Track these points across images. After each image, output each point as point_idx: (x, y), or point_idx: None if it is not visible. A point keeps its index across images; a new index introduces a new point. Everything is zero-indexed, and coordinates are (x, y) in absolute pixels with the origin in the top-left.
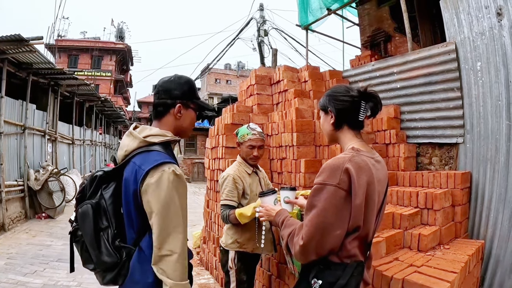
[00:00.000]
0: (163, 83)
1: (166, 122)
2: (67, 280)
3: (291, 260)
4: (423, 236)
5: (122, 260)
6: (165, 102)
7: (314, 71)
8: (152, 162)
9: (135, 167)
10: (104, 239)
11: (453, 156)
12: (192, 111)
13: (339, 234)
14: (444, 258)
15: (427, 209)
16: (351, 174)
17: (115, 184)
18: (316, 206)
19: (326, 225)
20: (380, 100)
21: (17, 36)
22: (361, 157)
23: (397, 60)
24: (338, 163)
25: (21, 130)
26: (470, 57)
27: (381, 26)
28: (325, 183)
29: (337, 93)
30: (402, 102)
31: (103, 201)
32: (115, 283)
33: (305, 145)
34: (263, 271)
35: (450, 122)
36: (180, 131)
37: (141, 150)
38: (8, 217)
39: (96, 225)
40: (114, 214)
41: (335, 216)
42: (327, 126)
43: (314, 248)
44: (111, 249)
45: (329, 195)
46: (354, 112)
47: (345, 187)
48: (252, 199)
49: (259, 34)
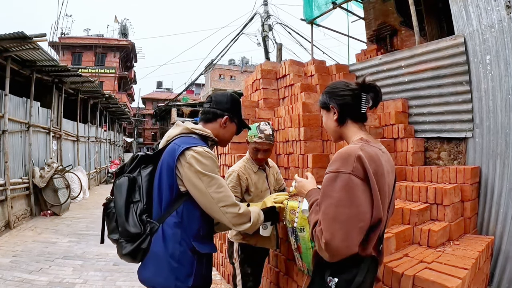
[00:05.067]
0: (218, 96)
1: (211, 127)
2: (73, 277)
3: (300, 257)
4: (433, 232)
5: (145, 232)
6: (215, 111)
7: (320, 65)
8: (190, 144)
9: (174, 146)
10: (133, 210)
11: (462, 151)
12: (234, 125)
13: (363, 227)
14: (454, 254)
15: (437, 204)
16: (363, 162)
17: (152, 167)
18: (331, 196)
19: (347, 217)
20: (380, 90)
21: (20, 34)
22: (371, 147)
23: (404, 54)
24: (350, 151)
25: (26, 127)
26: (479, 50)
27: (386, 20)
28: (338, 171)
29: (336, 89)
30: (410, 96)
31: (140, 177)
32: (133, 258)
33: (312, 139)
34: (270, 267)
35: (459, 116)
36: (221, 139)
37: (182, 135)
38: (14, 214)
39: (128, 197)
40: (147, 192)
41: (354, 207)
42: (331, 124)
43: (341, 244)
44: (138, 220)
45: (344, 183)
46: (356, 105)
47: (360, 175)
48: (255, 196)
49: (264, 29)
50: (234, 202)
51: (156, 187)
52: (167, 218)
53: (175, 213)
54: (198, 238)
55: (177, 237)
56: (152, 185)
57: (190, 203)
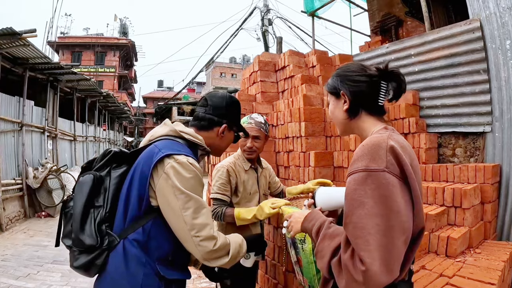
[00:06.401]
0: (214, 97)
1: (206, 135)
2: (60, 283)
3: (300, 271)
4: (452, 240)
5: (101, 247)
6: (212, 118)
7: (322, 55)
8: (173, 150)
9: (154, 149)
10: (92, 217)
11: (479, 147)
12: (233, 133)
13: (405, 241)
14: (477, 266)
15: (455, 207)
16: (398, 155)
17: (126, 168)
18: (363, 203)
19: (387, 230)
20: (404, 79)
21: (9, 30)
22: (399, 136)
23: (414, 41)
24: (379, 142)
25: (19, 127)
26: (497, 35)
27: (391, 10)
28: (368, 169)
29: (351, 72)
30: (421, 87)
31: (108, 178)
32: (86, 271)
33: (315, 135)
34: (268, 278)
35: (476, 109)
36: (215, 149)
37: (168, 137)
38: (6, 216)
39: (90, 200)
40: (113, 197)
41: (393, 215)
42: (340, 114)
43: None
44: (95, 230)
45: (379, 185)
46: (372, 95)
47: (396, 172)
48: (243, 199)
49: (263, 23)
50: (211, 234)
51: (123, 194)
52: (130, 234)
53: (140, 230)
54: (165, 262)
55: (141, 258)
56: (120, 190)
57: (160, 221)
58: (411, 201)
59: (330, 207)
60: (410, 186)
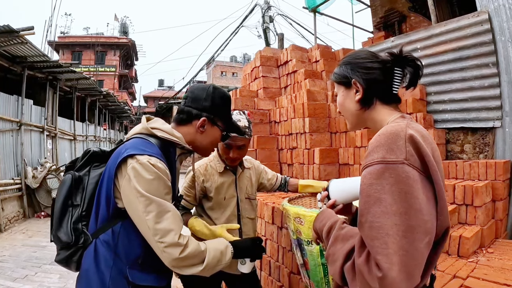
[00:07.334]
0: (195, 89)
1: (185, 131)
2: (58, 285)
3: (307, 274)
4: (464, 239)
5: (76, 244)
6: (189, 111)
7: (325, 49)
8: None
9: (122, 149)
10: (69, 215)
11: (489, 143)
12: (217, 129)
13: (427, 243)
14: (491, 266)
15: (466, 205)
16: (419, 144)
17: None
18: (380, 199)
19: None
20: (421, 64)
21: (6, 27)
22: (418, 125)
23: (420, 35)
24: (396, 130)
25: (17, 126)
26: (507, 27)
27: (394, 6)
28: (386, 161)
29: (362, 59)
30: (428, 81)
31: (87, 178)
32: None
33: (319, 131)
34: (272, 280)
35: (485, 103)
36: (197, 147)
37: (139, 136)
38: (5, 217)
39: (68, 198)
40: (90, 196)
41: (413, 213)
42: (351, 105)
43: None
44: (71, 228)
45: (398, 179)
46: (387, 82)
47: (416, 165)
48: (216, 204)
49: (264, 20)
50: (175, 241)
51: (96, 194)
52: (101, 234)
53: (110, 231)
54: (136, 266)
55: (109, 260)
56: None
57: (130, 223)
58: (434, 198)
59: (346, 199)
60: (433, 180)
